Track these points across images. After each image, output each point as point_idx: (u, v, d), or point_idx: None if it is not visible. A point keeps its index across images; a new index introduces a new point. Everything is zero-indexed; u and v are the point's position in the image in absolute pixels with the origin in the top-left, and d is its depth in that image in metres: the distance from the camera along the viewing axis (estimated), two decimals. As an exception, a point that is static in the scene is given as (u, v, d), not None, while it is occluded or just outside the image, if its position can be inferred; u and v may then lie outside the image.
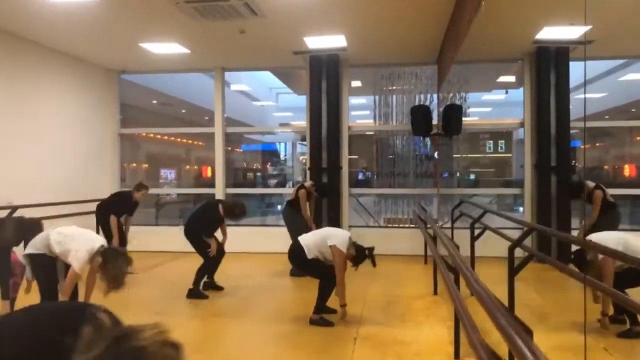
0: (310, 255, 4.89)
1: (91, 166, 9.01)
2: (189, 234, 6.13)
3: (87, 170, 8.84)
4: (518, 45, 8.15)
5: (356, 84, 10.95)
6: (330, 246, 4.88)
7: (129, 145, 17.77)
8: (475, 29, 6.09)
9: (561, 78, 8.20)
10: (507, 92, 15.76)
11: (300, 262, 5.04)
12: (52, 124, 8.13)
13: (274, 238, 8.52)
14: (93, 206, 7.60)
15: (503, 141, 20.34)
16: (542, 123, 8.29)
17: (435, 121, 8.75)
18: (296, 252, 4.99)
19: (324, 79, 8.68)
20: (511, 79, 10.61)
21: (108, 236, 7.17)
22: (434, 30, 7.15)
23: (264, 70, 10.65)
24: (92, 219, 7.38)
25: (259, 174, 22.12)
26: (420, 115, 8.28)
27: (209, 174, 18.74)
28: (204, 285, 6.24)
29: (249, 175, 21.62)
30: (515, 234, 7.35)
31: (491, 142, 20.23)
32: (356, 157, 19.42)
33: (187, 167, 20.38)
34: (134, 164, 19.01)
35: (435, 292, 5.99)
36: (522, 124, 8.86)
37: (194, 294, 5.88)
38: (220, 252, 6.27)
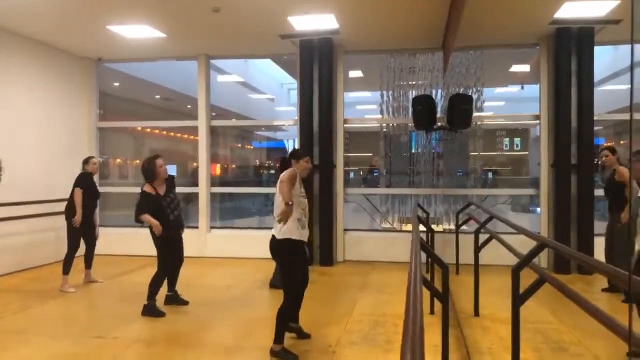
0: (279, 234, 4.03)
1: (66, 162, 8.24)
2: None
3: (61, 167, 8.07)
4: (534, 28, 7.19)
5: (357, 74, 10.08)
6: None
7: (133, 142, 17.23)
8: (482, 8, 5.22)
9: (584, 65, 7.20)
10: (523, 88, 14.73)
11: (273, 250, 4.15)
12: (21, 115, 7.44)
13: (264, 242, 7.66)
14: (56, 207, 6.92)
15: (519, 139, 19.33)
16: (562, 117, 7.30)
17: (444, 114, 7.86)
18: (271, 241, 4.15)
19: (316, 67, 7.82)
20: (525, 68, 9.60)
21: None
22: (436, 9, 6.24)
23: (253, 58, 9.78)
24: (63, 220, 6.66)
25: (272, 172, 21.71)
26: (422, 106, 7.36)
27: (218, 171, 18.16)
28: (166, 300, 5.45)
29: (263, 173, 21.23)
30: (528, 243, 6.46)
31: (507, 139, 19.21)
32: (370, 154, 18.60)
33: (195, 164, 19.79)
34: (137, 161, 18.46)
35: (432, 312, 5.08)
36: (538, 118, 7.89)
37: (149, 310, 5.07)
38: (178, 259, 5.44)
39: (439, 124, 7.76)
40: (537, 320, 4.94)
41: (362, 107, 14.84)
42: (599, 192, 7.35)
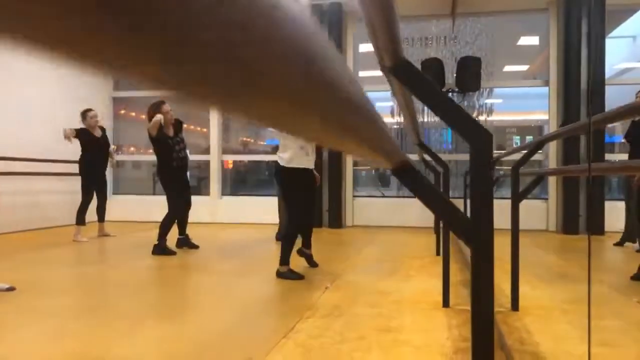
0: (283, 162, 4.12)
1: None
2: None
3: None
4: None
5: (368, 47, 10.13)
6: None
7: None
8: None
9: (595, 26, 7.19)
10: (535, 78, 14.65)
11: (277, 178, 4.31)
12: (35, 82, 7.65)
13: (274, 209, 7.73)
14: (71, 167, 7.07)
15: (531, 137, 19.14)
16: (571, 78, 7.30)
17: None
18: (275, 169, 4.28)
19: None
20: (534, 40, 9.56)
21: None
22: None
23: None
24: (69, 180, 6.84)
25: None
26: (429, 69, 7.40)
27: (230, 164, 18.36)
28: (177, 243, 5.57)
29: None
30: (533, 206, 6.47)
31: (518, 137, 19.07)
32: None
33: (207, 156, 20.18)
34: (150, 150, 18.83)
35: (438, 253, 5.13)
36: (546, 83, 7.90)
37: (160, 249, 5.17)
38: (186, 203, 5.57)
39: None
40: (543, 262, 4.98)
41: (380, 104, 14.94)
42: (608, 155, 7.34)
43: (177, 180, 5.36)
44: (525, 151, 3.08)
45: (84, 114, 6.54)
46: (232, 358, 2.29)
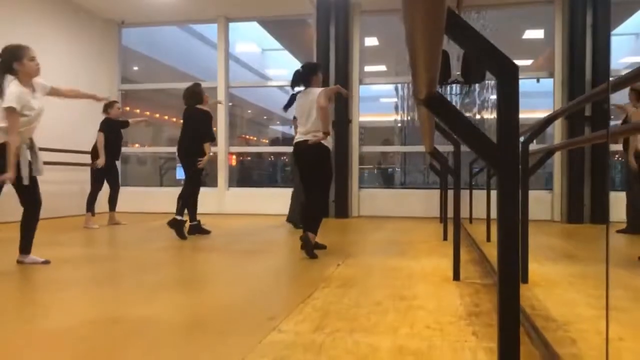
0: (327, 143, 4.30)
1: (86, 120, 8.44)
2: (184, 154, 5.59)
3: (81, 125, 8.27)
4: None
5: (372, 41, 10.22)
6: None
7: (152, 130, 17.68)
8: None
9: (600, 17, 7.26)
10: (538, 81, 14.73)
11: (320, 155, 4.33)
12: (45, 71, 7.72)
13: (280, 199, 7.78)
14: (82, 158, 7.14)
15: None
16: (576, 69, 7.37)
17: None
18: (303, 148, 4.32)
19: (332, 25, 8.01)
20: (539, 34, 9.65)
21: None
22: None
23: (271, 19, 9.91)
24: (81, 171, 6.92)
25: (287, 168, 22.15)
26: (436, 60, 7.48)
27: (233, 162, 18.61)
28: (190, 230, 5.62)
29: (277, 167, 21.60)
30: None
31: (521, 137, 19.13)
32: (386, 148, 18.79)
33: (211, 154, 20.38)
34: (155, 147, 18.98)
35: (445, 238, 5.22)
36: (551, 75, 7.97)
37: (175, 223, 5.22)
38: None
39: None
40: (549, 245, 5.06)
41: (385, 99, 15.08)
42: (613, 145, 7.38)
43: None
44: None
45: (111, 104, 6.65)
46: (254, 318, 2.37)
